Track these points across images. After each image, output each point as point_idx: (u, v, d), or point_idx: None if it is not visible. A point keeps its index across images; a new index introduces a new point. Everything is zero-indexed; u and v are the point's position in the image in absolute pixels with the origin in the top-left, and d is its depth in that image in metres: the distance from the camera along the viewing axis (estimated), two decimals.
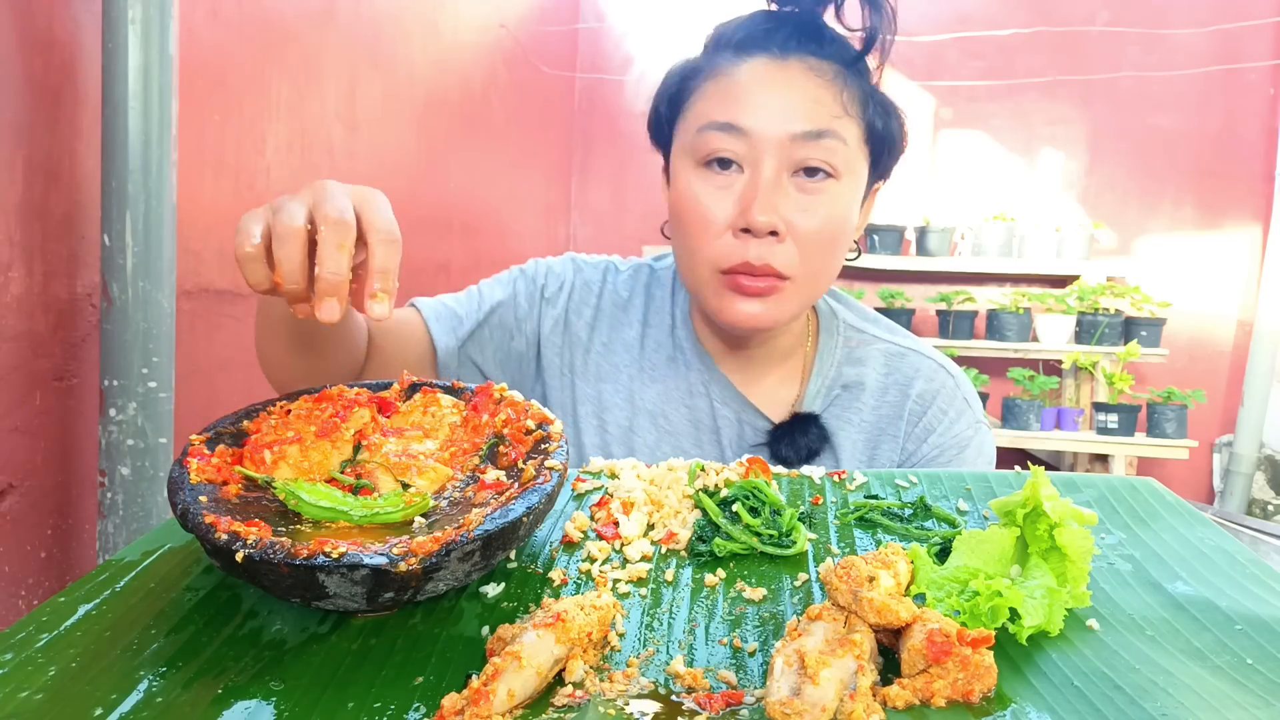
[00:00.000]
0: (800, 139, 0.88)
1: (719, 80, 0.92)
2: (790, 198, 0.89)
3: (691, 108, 0.94)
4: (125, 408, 1.41)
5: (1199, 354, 4.10)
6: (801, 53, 0.91)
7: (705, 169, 0.91)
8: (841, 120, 0.90)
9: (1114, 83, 4.09)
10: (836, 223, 0.91)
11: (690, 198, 0.91)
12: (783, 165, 0.89)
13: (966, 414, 1.03)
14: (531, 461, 0.62)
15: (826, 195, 0.90)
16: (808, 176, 0.90)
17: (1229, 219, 4.06)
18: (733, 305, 0.91)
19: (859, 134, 0.92)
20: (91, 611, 0.54)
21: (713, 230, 0.90)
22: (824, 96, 0.89)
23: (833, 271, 0.96)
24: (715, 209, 0.90)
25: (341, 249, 0.63)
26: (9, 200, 1.30)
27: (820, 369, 1.05)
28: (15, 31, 1.29)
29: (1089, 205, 4.18)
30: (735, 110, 0.89)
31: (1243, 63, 3.99)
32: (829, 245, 0.92)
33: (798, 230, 0.89)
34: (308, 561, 0.49)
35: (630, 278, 1.12)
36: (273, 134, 1.96)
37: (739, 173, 0.90)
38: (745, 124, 0.88)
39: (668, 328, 1.08)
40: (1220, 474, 4.02)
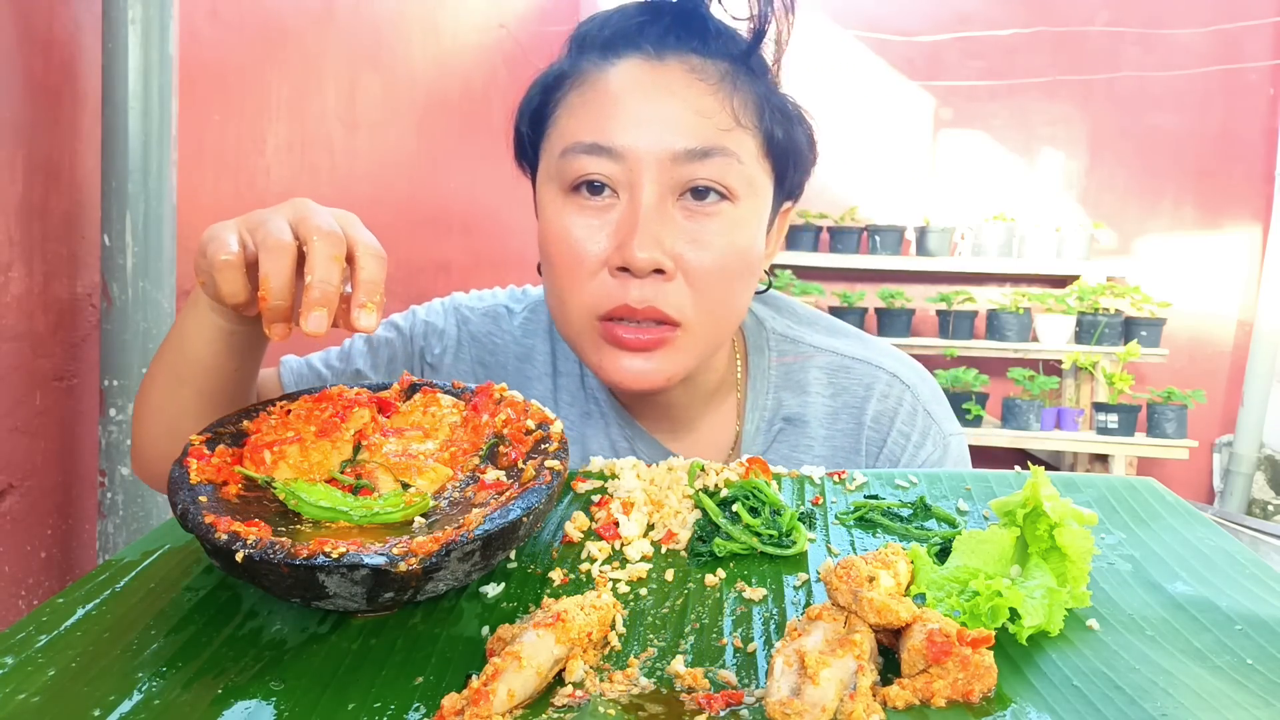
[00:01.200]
0: (684, 157, 0.73)
1: (584, 90, 0.77)
2: (677, 227, 0.74)
3: (555, 125, 0.79)
4: (125, 408, 1.41)
5: (1199, 354, 4.10)
6: (681, 50, 0.76)
7: (574, 195, 0.76)
8: (733, 133, 0.75)
9: (1114, 83, 4.09)
10: (736, 253, 0.76)
11: (557, 231, 0.77)
12: (666, 189, 0.74)
13: (932, 431, 0.89)
14: (531, 461, 0.62)
15: (721, 221, 0.75)
16: (696, 199, 0.75)
17: (1229, 219, 4.06)
18: (614, 362, 0.77)
19: (756, 147, 0.77)
20: (91, 612, 0.54)
21: (585, 269, 0.75)
22: (710, 105, 0.75)
23: (736, 312, 0.81)
24: (587, 244, 0.75)
25: (335, 260, 0.59)
26: (9, 200, 1.30)
27: (754, 402, 0.89)
28: (15, 31, 1.29)
29: (1089, 205, 4.18)
30: (604, 127, 0.74)
31: (1242, 63, 3.99)
32: (728, 282, 0.77)
33: (688, 265, 0.74)
34: (308, 561, 0.49)
35: (527, 320, 0.95)
36: (273, 134, 1.96)
37: (614, 198, 0.75)
38: (617, 143, 0.73)
39: (578, 377, 0.92)
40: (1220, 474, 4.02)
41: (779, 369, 0.90)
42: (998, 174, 4.28)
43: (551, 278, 0.80)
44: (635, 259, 0.72)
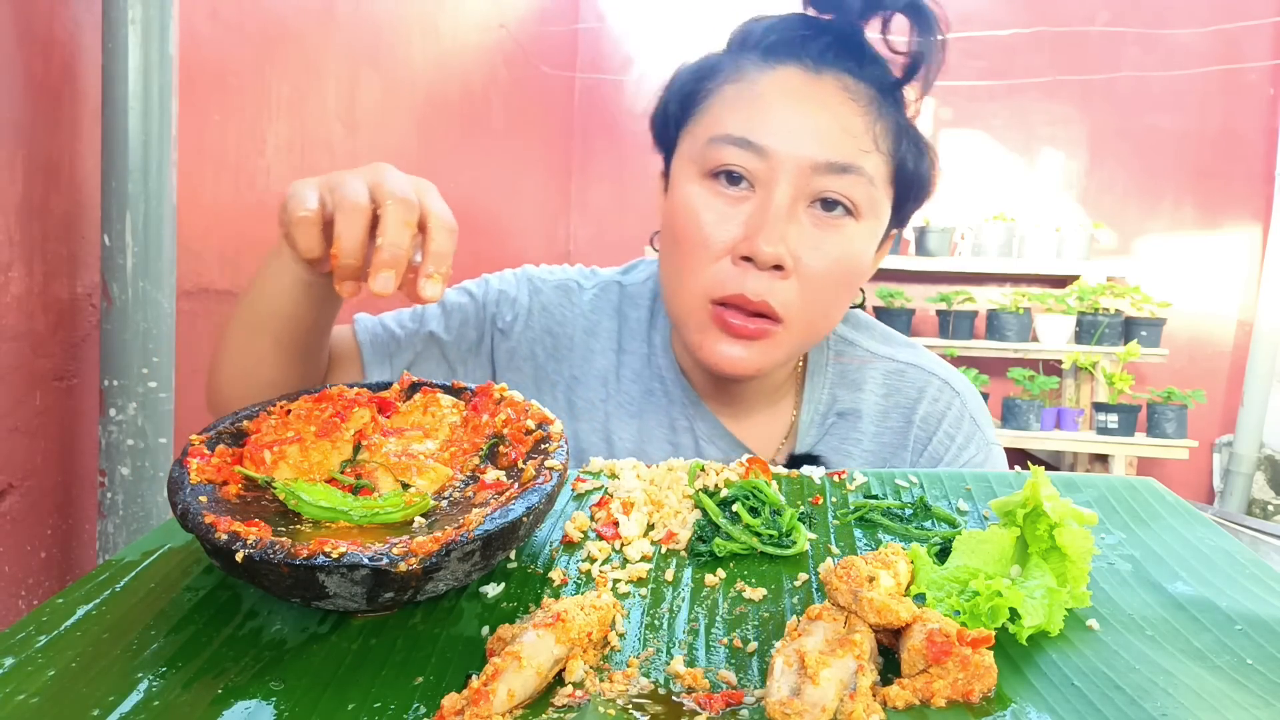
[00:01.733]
0: (823, 169, 0.78)
1: (741, 85, 0.82)
2: (803, 230, 0.79)
3: (706, 112, 0.83)
4: (125, 408, 1.41)
5: (1199, 354, 4.10)
6: (838, 68, 0.81)
7: (712, 181, 0.81)
8: (871, 155, 0.80)
9: (1114, 83, 4.09)
10: (848, 265, 0.82)
11: (690, 212, 0.81)
12: (799, 193, 0.79)
13: (976, 436, 0.94)
14: (531, 461, 0.62)
15: (842, 234, 0.80)
16: (825, 210, 0.80)
17: (1229, 219, 4.06)
18: (715, 345, 0.82)
19: (887, 172, 0.82)
20: (91, 612, 0.54)
21: (710, 252, 0.80)
22: (856, 125, 0.80)
23: (831, 321, 0.87)
24: (717, 229, 0.80)
25: (407, 226, 0.62)
26: (9, 200, 1.30)
27: (811, 395, 0.95)
28: (15, 31, 1.29)
29: (1089, 205, 4.18)
30: (756, 124, 0.79)
31: (1242, 63, 3.99)
32: (835, 289, 0.82)
33: (804, 267, 0.80)
34: (308, 561, 0.49)
35: (597, 297, 0.99)
36: (273, 134, 1.96)
37: (749, 191, 0.80)
38: (765, 141, 0.78)
39: (644, 356, 0.96)
40: (1220, 474, 4.02)
41: (835, 367, 0.96)
42: (998, 174, 4.28)
43: (674, 254, 0.84)
44: (761, 251, 0.77)
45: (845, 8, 0.82)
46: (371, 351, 0.96)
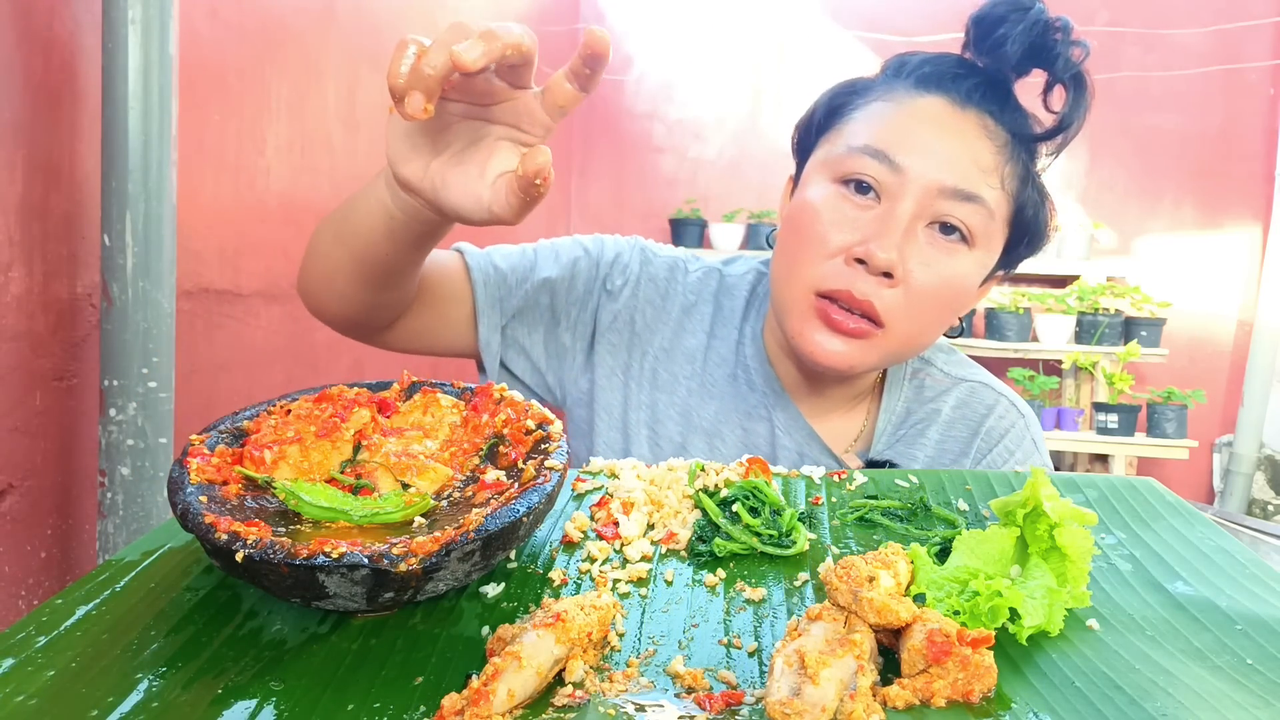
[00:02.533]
0: (950, 194, 0.83)
1: (889, 104, 0.87)
2: (918, 246, 0.84)
3: (850, 122, 0.89)
4: (125, 408, 1.41)
5: (1199, 354, 4.10)
6: (981, 108, 0.86)
7: (842, 186, 0.86)
8: (996, 191, 0.85)
9: (1114, 83, 4.09)
10: (955, 287, 0.86)
11: (814, 209, 0.86)
12: (922, 211, 0.84)
13: (1034, 456, 0.99)
14: (531, 461, 0.62)
15: (955, 257, 0.85)
16: (943, 233, 0.85)
17: (1229, 219, 4.06)
18: (814, 336, 0.86)
19: (1007, 212, 0.87)
20: (91, 612, 0.54)
21: (826, 249, 0.84)
22: (987, 161, 0.85)
23: (931, 336, 0.91)
24: (837, 228, 0.84)
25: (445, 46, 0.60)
26: (9, 200, 1.30)
27: (888, 404, 1.00)
28: (15, 31, 1.29)
29: (1089, 205, 4.18)
30: (896, 140, 0.84)
31: (1242, 63, 3.99)
32: (938, 307, 0.86)
33: (912, 281, 0.83)
34: (308, 561, 0.49)
35: (699, 281, 1.04)
36: (273, 134, 1.96)
37: (875, 202, 0.85)
38: (901, 158, 0.83)
39: (734, 343, 1.01)
40: (1220, 474, 4.02)
41: (913, 384, 1.02)
42: None
43: (791, 246, 0.88)
44: (875, 255, 0.81)
45: (1002, 59, 0.86)
46: (484, 294, 0.97)
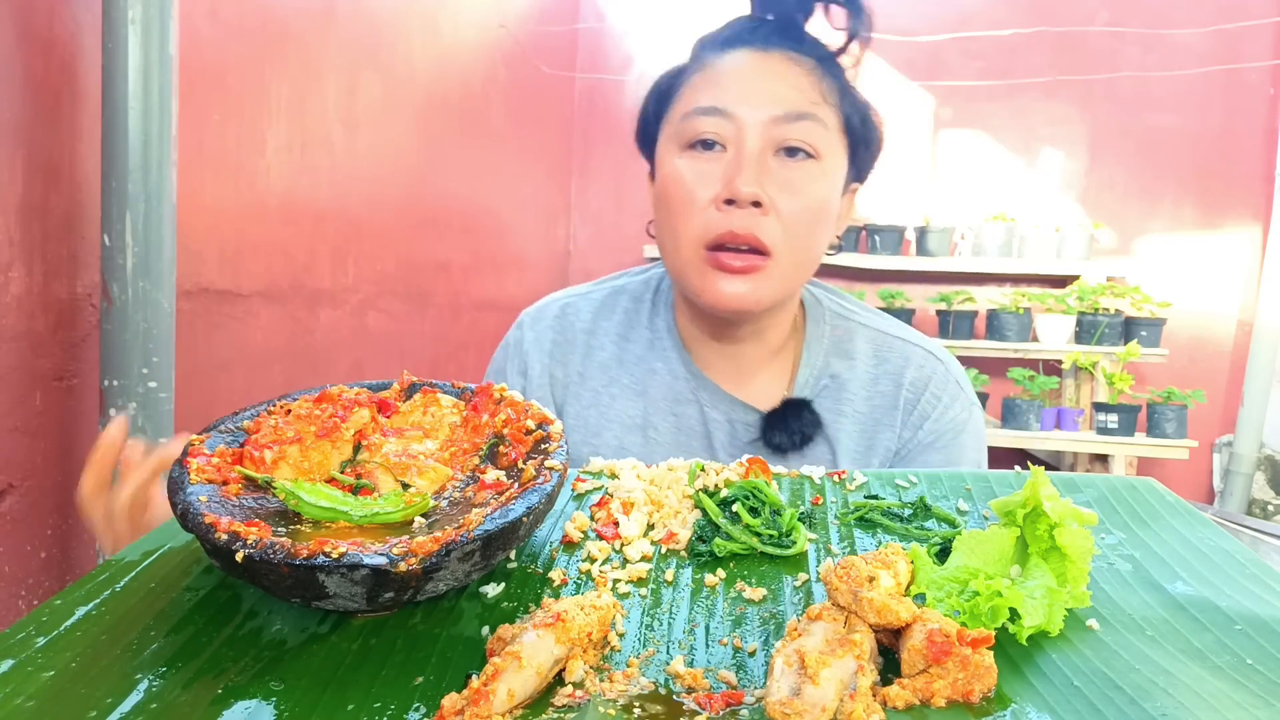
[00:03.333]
0: (781, 120, 0.92)
1: (705, 71, 0.96)
2: (773, 174, 0.92)
3: (679, 99, 0.98)
4: (125, 408, 1.41)
5: (1199, 354, 4.09)
6: (783, 47, 0.96)
7: (690, 150, 0.94)
8: (820, 106, 0.94)
9: (1114, 83, 4.09)
10: (818, 202, 0.94)
11: (675, 177, 0.94)
12: (766, 144, 0.92)
13: (960, 398, 1.05)
14: (531, 461, 0.62)
15: (807, 172, 0.93)
16: (789, 156, 0.93)
17: (1229, 219, 4.06)
18: (715, 285, 0.92)
19: (837, 122, 0.96)
20: (91, 612, 0.54)
21: (698, 205, 0.92)
22: (803, 84, 0.94)
23: (814, 254, 0.97)
24: (700, 185, 0.92)
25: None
26: (9, 200, 1.30)
27: (809, 359, 1.06)
28: (15, 31, 1.29)
29: (1089, 205, 4.18)
30: (721, 95, 0.93)
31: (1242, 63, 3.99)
32: (810, 224, 0.94)
33: (780, 206, 0.91)
34: (308, 561, 0.49)
35: (598, 304, 1.12)
36: (273, 134, 1.96)
37: (723, 152, 0.93)
38: (730, 107, 0.92)
39: (647, 341, 1.08)
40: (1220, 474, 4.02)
41: (832, 338, 1.07)
42: (998, 174, 4.28)
43: (667, 216, 0.96)
44: (740, 191, 0.89)
45: (782, 5, 0.99)
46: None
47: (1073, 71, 4.12)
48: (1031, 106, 4.21)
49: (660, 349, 1.08)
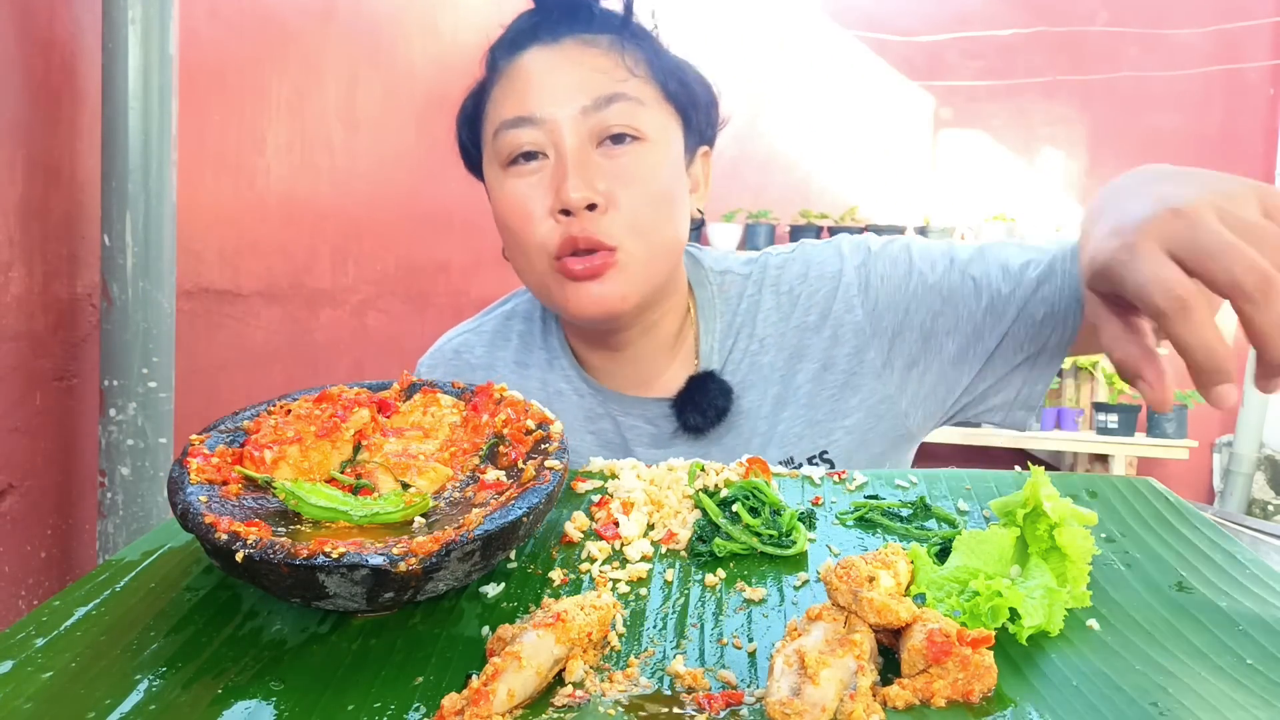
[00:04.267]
0: (592, 109, 0.85)
1: (503, 82, 0.90)
2: (601, 168, 0.86)
3: (486, 119, 0.92)
4: (125, 408, 1.41)
5: None
6: (572, 33, 0.89)
7: (512, 168, 0.88)
8: (630, 82, 0.87)
9: (1114, 83, 4.09)
10: (656, 184, 0.88)
11: (506, 198, 0.89)
12: (585, 139, 0.86)
13: (870, 241, 0.98)
14: (531, 461, 0.62)
15: (637, 157, 0.87)
16: (614, 144, 0.86)
17: None
18: (575, 294, 0.87)
19: (656, 94, 0.89)
20: (91, 613, 0.54)
21: (535, 220, 0.87)
22: (605, 64, 0.87)
23: (669, 236, 0.90)
24: (531, 200, 0.87)
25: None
26: (9, 200, 1.30)
27: (706, 327, 0.99)
28: (16, 32, 1.29)
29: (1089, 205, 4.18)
30: (523, 102, 0.87)
31: (1242, 63, 3.99)
32: (653, 208, 0.88)
33: (616, 199, 0.86)
34: (308, 561, 0.49)
35: (491, 337, 1.07)
36: (273, 134, 1.96)
37: (545, 160, 0.87)
38: (535, 112, 0.86)
39: (545, 362, 1.03)
40: (1220, 474, 4.02)
41: (720, 296, 1.01)
42: (998, 174, 4.28)
43: (511, 239, 0.91)
44: (570, 198, 0.83)
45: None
46: None
47: (1073, 71, 4.12)
48: (1031, 106, 4.21)
49: (559, 368, 1.02)
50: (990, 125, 4.26)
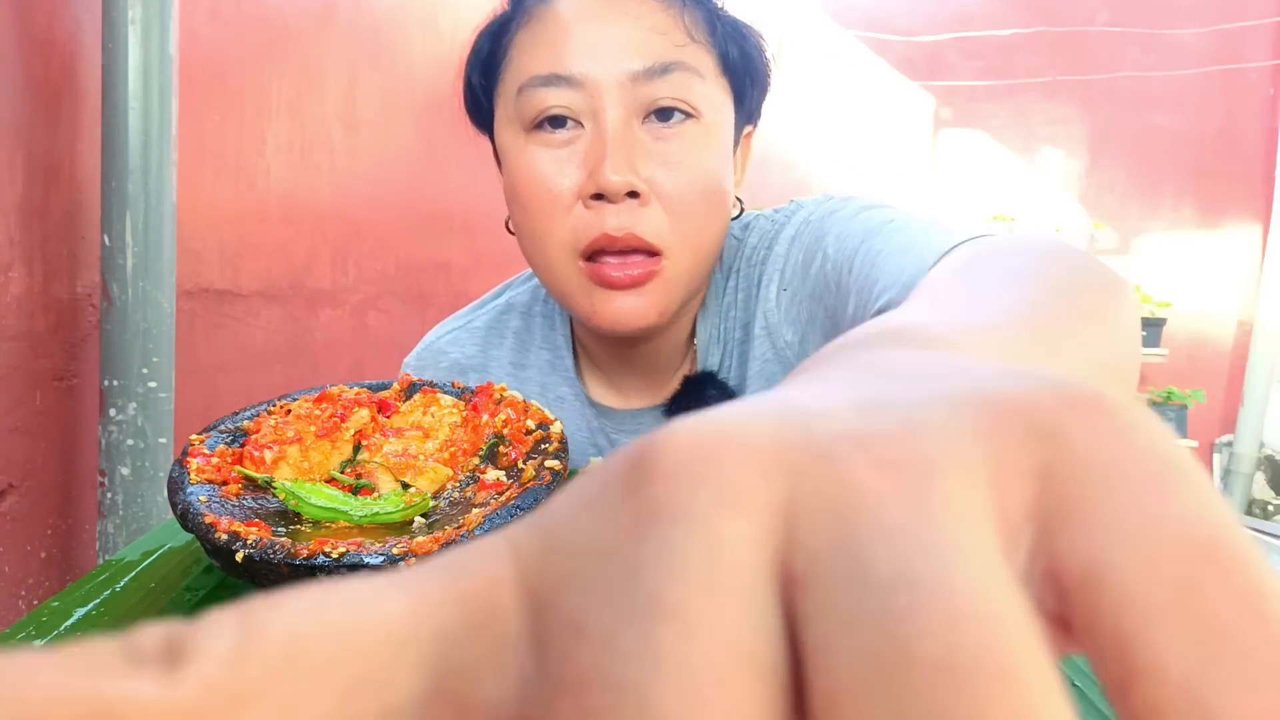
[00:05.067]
0: (644, 77, 0.70)
1: (533, 27, 0.74)
2: (646, 150, 0.71)
3: (508, 68, 0.76)
4: (125, 408, 1.41)
5: (1199, 354, 4.10)
6: None
7: (536, 133, 0.73)
8: (689, 48, 0.72)
9: (1114, 83, 4.09)
10: (707, 174, 0.73)
11: (525, 171, 0.73)
12: (630, 111, 0.71)
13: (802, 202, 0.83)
14: (531, 462, 0.62)
15: (688, 140, 0.72)
16: (661, 121, 0.71)
17: (1229, 219, 4.06)
18: (606, 305, 0.73)
19: (714, 64, 0.74)
20: (90, 613, 0.54)
21: (560, 205, 0.72)
22: (663, 22, 0.71)
23: (712, 240, 0.75)
24: (558, 177, 0.72)
25: None
26: (9, 200, 1.30)
27: (705, 316, 0.83)
28: (15, 32, 1.29)
29: (1089, 206, 4.18)
30: (559, 56, 0.71)
31: (1243, 63, 4.00)
32: (704, 204, 0.73)
33: (662, 189, 0.71)
34: (308, 561, 0.49)
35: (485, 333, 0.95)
36: (273, 134, 1.96)
37: (578, 129, 0.72)
38: (574, 70, 0.70)
39: (548, 363, 0.90)
40: (1220, 474, 4.02)
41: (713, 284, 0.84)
42: (998, 174, 4.28)
43: (527, 222, 0.76)
44: (609, 181, 0.69)
45: None
46: None
47: (1072, 71, 4.12)
48: (1031, 106, 4.21)
49: (562, 370, 0.89)
50: (990, 125, 4.27)
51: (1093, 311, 0.34)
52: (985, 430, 0.13)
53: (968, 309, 0.31)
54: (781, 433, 0.14)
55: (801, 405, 0.15)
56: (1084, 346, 0.31)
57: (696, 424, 0.14)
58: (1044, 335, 0.29)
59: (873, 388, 0.16)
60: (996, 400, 0.14)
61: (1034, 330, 0.29)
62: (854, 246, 0.69)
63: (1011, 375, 0.15)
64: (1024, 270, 0.36)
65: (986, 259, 0.41)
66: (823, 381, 0.18)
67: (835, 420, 0.14)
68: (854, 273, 0.67)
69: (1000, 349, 0.25)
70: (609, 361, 0.87)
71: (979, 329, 0.26)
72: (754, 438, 0.13)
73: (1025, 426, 0.13)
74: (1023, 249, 0.41)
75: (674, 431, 0.14)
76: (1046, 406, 0.14)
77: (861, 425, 0.14)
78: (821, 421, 0.14)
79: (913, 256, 0.59)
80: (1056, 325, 0.31)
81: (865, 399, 0.15)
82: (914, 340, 0.22)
